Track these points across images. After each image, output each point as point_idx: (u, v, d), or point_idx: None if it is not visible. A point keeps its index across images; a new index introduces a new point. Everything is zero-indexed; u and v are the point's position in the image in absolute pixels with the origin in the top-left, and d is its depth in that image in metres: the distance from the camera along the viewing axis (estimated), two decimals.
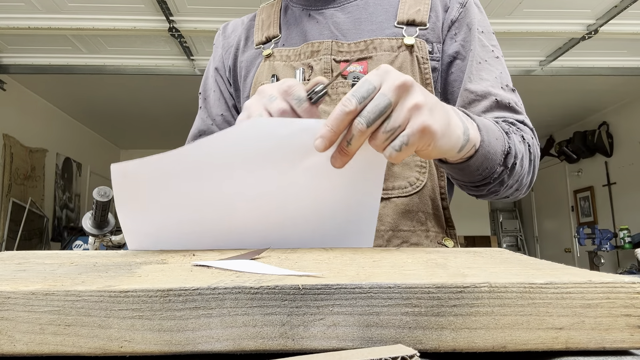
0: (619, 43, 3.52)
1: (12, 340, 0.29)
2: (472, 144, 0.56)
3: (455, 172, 0.62)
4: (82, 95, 4.83)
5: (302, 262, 0.43)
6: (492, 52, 0.79)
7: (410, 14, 0.80)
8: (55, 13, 3.06)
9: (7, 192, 4.19)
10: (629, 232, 4.78)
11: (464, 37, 0.80)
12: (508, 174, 0.64)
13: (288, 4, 0.90)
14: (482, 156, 0.58)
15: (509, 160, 0.62)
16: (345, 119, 0.45)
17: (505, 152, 0.62)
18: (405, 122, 0.45)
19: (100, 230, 1.09)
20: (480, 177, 0.62)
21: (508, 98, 0.75)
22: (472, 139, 0.55)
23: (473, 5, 0.82)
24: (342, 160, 0.48)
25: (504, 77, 0.78)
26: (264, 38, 0.88)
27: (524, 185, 0.71)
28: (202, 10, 3.05)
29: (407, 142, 0.45)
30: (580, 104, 5.34)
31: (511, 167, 0.63)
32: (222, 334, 0.29)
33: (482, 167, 0.60)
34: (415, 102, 0.46)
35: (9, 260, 0.49)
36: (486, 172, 0.61)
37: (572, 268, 0.38)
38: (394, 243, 0.76)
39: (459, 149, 0.54)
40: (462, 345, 0.29)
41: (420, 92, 0.47)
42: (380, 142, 0.45)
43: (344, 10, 0.84)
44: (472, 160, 0.58)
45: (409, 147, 0.46)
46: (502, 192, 0.68)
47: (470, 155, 0.57)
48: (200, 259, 0.46)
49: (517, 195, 0.72)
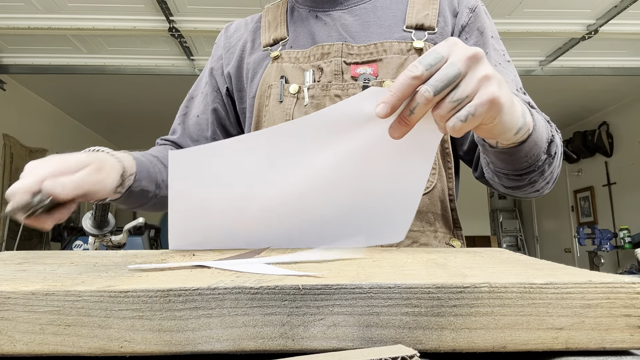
0: (619, 43, 3.52)
1: (12, 340, 0.29)
2: (527, 128, 0.54)
3: (504, 157, 0.59)
4: (82, 95, 4.83)
5: (302, 262, 0.43)
6: (504, 56, 0.80)
7: (419, 18, 0.81)
8: (55, 13, 3.06)
9: None
10: (629, 232, 4.78)
11: (475, 41, 0.80)
12: (549, 163, 0.63)
13: (294, 5, 0.90)
14: (532, 142, 0.57)
15: (552, 148, 0.61)
16: (411, 84, 0.43)
17: (550, 140, 0.61)
18: (473, 93, 0.43)
19: (100, 230, 1.09)
20: (527, 164, 0.60)
21: (526, 99, 0.75)
22: (528, 122, 0.54)
23: (482, 11, 0.83)
24: (402, 131, 0.46)
25: (517, 80, 0.78)
26: (271, 40, 0.88)
27: (554, 179, 0.70)
28: (202, 10, 3.05)
29: (474, 112, 0.43)
30: (580, 104, 5.34)
31: (553, 156, 0.62)
32: (222, 334, 0.29)
33: (531, 154, 0.58)
34: (486, 72, 0.44)
35: (9, 260, 0.49)
36: (532, 159, 0.59)
37: (572, 268, 0.38)
38: (404, 243, 0.76)
39: (516, 131, 0.52)
40: (462, 345, 0.29)
41: (489, 65, 0.45)
42: (445, 111, 0.43)
43: (352, 12, 0.84)
44: (524, 144, 0.56)
45: (475, 119, 0.43)
46: (539, 184, 0.66)
47: (523, 140, 0.56)
48: (200, 259, 0.46)
49: (544, 190, 0.71)
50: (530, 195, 0.72)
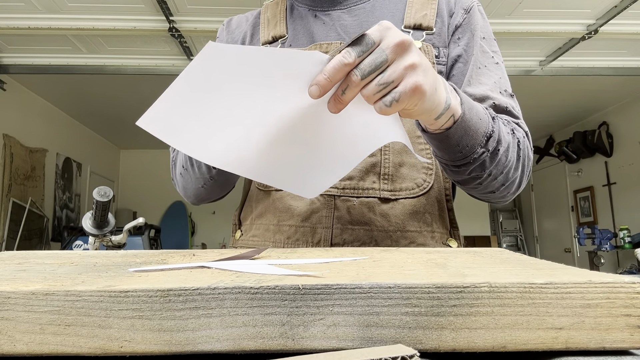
0: (619, 43, 3.52)
1: (12, 340, 0.29)
2: (451, 114, 0.57)
3: (436, 144, 0.62)
4: (82, 95, 4.83)
5: (302, 263, 0.43)
6: (492, 58, 0.80)
7: (417, 19, 0.81)
8: (55, 13, 3.06)
9: (7, 192, 4.19)
10: (629, 232, 4.78)
11: (466, 42, 0.81)
12: (490, 158, 0.64)
13: (293, 4, 0.90)
14: (461, 129, 0.59)
15: (491, 144, 0.63)
16: (343, 70, 0.46)
17: (488, 134, 0.62)
18: (399, 79, 0.47)
19: (100, 230, 1.09)
20: (461, 154, 0.62)
21: (506, 102, 0.76)
22: (452, 108, 0.57)
23: (477, 12, 0.83)
24: (337, 107, 0.49)
25: (502, 83, 0.79)
26: (270, 37, 0.88)
27: (512, 182, 0.70)
28: (202, 10, 3.05)
29: (397, 98, 0.47)
30: (580, 104, 5.34)
31: (493, 151, 0.64)
32: (222, 334, 0.29)
33: (463, 144, 0.61)
34: (412, 61, 0.47)
35: (9, 260, 0.49)
36: (466, 150, 0.61)
37: (572, 268, 0.38)
38: (401, 243, 0.77)
39: (437, 115, 0.55)
40: (462, 345, 0.29)
41: (417, 53, 0.49)
42: (371, 93, 0.47)
43: (351, 12, 0.85)
44: (450, 131, 0.59)
45: (399, 104, 0.47)
46: (486, 182, 0.68)
47: (448, 127, 0.58)
48: (200, 259, 0.46)
49: (505, 194, 0.72)
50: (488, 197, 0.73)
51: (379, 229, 0.76)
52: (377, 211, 0.76)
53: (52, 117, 5.11)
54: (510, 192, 0.72)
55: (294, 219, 0.78)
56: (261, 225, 0.83)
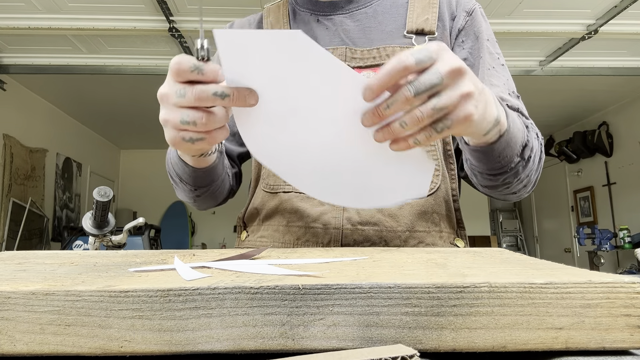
0: (619, 43, 3.52)
1: (12, 340, 0.29)
2: (498, 130, 0.57)
3: (478, 155, 0.62)
4: (82, 95, 4.83)
5: (302, 263, 0.43)
6: (498, 59, 0.81)
7: (419, 23, 0.82)
8: (55, 13, 3.06)
9: (7, 192, 4.18)
10: (628, 232, 4.78)
11: (471, 45, 0.82)
12: (523, 166, 0.65)
13: (295, 8, 0.90)
14: (505, 143, 0.59)
15: (526, 152, 0.64)
16: (400, 73, 0.44)
17: (524, 144, 0.63)
18: (453, 107, 0.45)
19: (100, 230, 1.09)
20: (499, 165, 0.63)
21: (516, 104, 0.77)
22: (501, 123, 0.57)
23: (479, 14, 0.84)
24: (373, 121, 0.47)
25: (510, 84, 0.79)
26: None
27: (532, 183, 0.72)
28: (202, 10, 3.05)
29: (450, 126, 0.45)
30: (580, 104, 5.34)
31: (527, 160, 0.65)
32: (222, 334, 0.29)
33: (503, 155, 0.61)
34: (468, 90, 0.46)
35: (9, 260, 0.49)
36: (505, 160, 0.62)
37: (572, 268, 0.38)
38: (410, 243, 0.77)
39: (485, 132, 0.55)
40: (462, 345, 0.29)
41: (472, 80, 0.47)
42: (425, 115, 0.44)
43: (353, 17, 0.85)
44: (495, 145, 0.59)
45: (449, 131, 0.46)
46: (514, 186, 0.69)
47: (494, 140, 0.58)
48: (200, 259, 0.46)
49: (522, 194, 0.73)
50: (507, 197, 0.74)
51: (388, 229, 0.77)
52: (386, 212, 0.77)
53: (52, 117, 5.11)
54: (527, 191, 0.74)
55: (304, 220, 0.79)
56: (270, 226, 0.83)
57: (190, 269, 0.37)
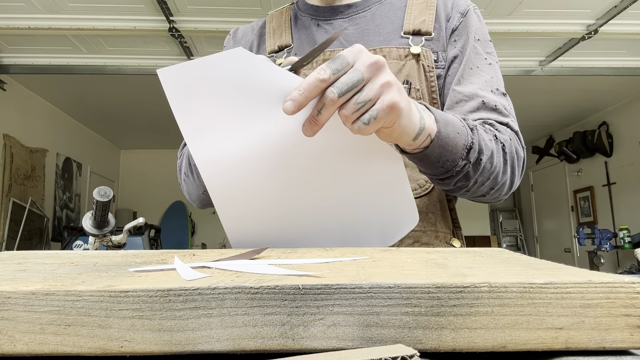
0: (619, 43, 3.52)
1: (12, 340, 0.29)
2: (427, 134, 0.57)
3: (416, 162, 0.63)
4: (82, 95, 4.83)
5: (302, 263, 0.43)
6: (485, 59, 0.82)
7: (416, 24, 0.83)
8: (55, 13, 3.06)
9: (7, 192, 4.18)
10: (628, 232, 4.78)
11: (462, 44, 0.83)
12: (473, 169, 0.64)
13: (297, 13, 0.92)
14: (439, 147, 0.59)
15: (472, 154, 0.63)
16: (319, 86, 0.46)
17: (468, 146, 0.62)
18: (376, 97, 0.47)
19: (100, 230, 1.09)
20: (443, 169, 0.62)
21: (495, 101, 0.77)
22: (428, 128, 0.57)
23: (473, 14, 0.85)
24: (313, 130, 0.49)
25: (494, 82, 0.79)
26: (276, 46, 0.90)
27: (502, 185, 0.71)
28: (202, 10, 3.05)
29: (376, 116, 0.47)
30: (580, 104, 5.34)
31: (475, 162, 0.64)
32: (222, 333, 0.29)
33: (443, 159, 0.61)
34: (387, 79, 0.48)
35: (9, 260, 0.49)
36: (448, 165, 0.62)
37: (572, 268, 0.38)
38: (406, 243, 0.78)
39: (414, 136, 0.56)
40: (462, 345, 0.29)
41: (390, 73, 0.49)
42: (349, 112, 0.47)
43: (352, 21, 0.87)
44: (428, 150, 0.59)
45: (377, 122, 0.48)
46: (474, 189, 0.68)
47: (426, 145, 0.59)
48: (200, 259, 0.46)
49: (497, 196, 0.72)
50: (480, 199, 0.73)
51: None
52: None
53: (52, 117, 5.11)
54: (502, 193, 0.73)
55: None
56: None
57: (190, 269, 0.37)
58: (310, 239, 0.62)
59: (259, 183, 0.56)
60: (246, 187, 0.56)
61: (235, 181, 0.56)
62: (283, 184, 0.57)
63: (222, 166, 0.54)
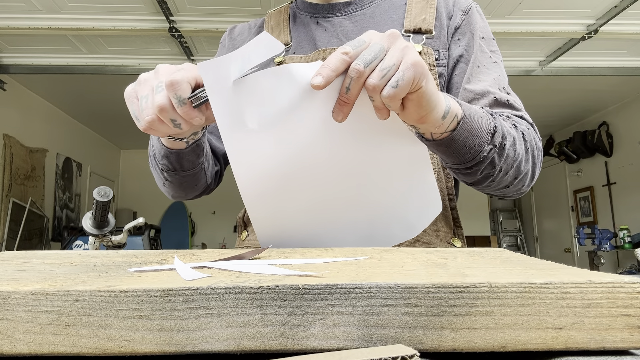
0: (619, 43, 3.52)
1: (12, 340, 0.29)
2: (454, 114, 0.57)
3: (443, 149, 0.62)
4: (82, 95, 4.83)
5: (302, 263, 0.43)
6: (490, 57, 0.81)
7: (417, 23, 0.83)
8: (55, 13, 3.06)
9: (7, 192, 4.19)
10: (628, 232, 4.78)
11: (467, 42, 0.82)
12: (498, 154, 0.63)
13: (296, 12, 0.92)
14: (465, 130, 0.59)
15: (497, 138, 0.62)
16: (344, 59, 0.47)
17: (492, 130, 0.62)
18: (399, 61, 0.48)
19: (100, 230, 1.09)
20: (470, 155, 0.61)
21: (506, 97, 0.77)
22: (454, 108, 0.57)
23: (475, 13, 0.84)
24: (344, 112, 0.50)
25: (501, 80, 0.79)
26: None
27: (525, 174, 0.70)
28: (202, 10, 3.05)
29: (403, 77, 0.47)
30: (580, 104, 5.34)
31: (500, 147, 0.63)
32: (222, 333, 0.29)
33: (469, 144, 0.60)
34: (406, 44, 0.50)
35: (9, 260, 0.49)
36: (474, 150, 0.61)
37: (572, 268, 0.38)
38: (406, 242, 0.77)
39: (443, 114, 0.55)
40: (462, 345, 0.29)
41: (406, 41, 0.51)
42: (377, 79, 0.47)
43: (351, 19, 0.87)
44: (455, 133, 0.58)
45: (406, 83, 0.48)
46: (499, 179, 0.67)
47: (452, 128, 0.58)
48: (200, 259, 0.46)
49: (520, 187, 0.71)
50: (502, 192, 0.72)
51: None
52: None
53: (52, 117, 5.11)
54: (525, 185, 0.72)
55: None
56: None
57: (190, 269, 0.37)
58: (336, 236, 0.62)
59: (291, 183, 0.57)
60: (277, 186, 0.57)
61: (267, 180, 0.56)
62: (314, 182, 0.57)
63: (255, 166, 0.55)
